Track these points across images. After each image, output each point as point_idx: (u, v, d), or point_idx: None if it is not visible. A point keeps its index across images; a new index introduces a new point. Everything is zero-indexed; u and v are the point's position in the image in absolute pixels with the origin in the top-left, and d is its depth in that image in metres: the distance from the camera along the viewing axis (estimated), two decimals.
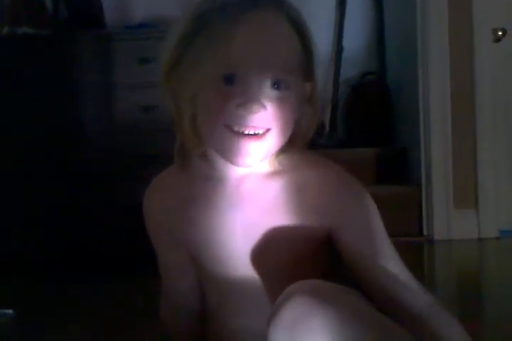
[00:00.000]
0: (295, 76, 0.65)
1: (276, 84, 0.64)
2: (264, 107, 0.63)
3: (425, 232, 2.26)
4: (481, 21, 2.20)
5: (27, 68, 1.97)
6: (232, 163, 0.66)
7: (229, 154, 0.65)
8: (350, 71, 2.80)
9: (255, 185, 0.69)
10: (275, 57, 0.63)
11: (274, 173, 0.68)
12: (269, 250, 0.69)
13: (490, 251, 2.17)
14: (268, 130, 0.64)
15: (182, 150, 0.70)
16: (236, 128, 0.63)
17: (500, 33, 2.21)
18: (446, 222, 2.23)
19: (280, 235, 0.68)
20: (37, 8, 2.11)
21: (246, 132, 0.63)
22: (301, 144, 0.69)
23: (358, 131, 2.70)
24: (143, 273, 0.98)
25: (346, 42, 2.78)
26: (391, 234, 2.47)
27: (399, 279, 0.67)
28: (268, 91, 0.63)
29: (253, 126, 0.63)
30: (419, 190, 2.29)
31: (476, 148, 2.23)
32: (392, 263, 0.68)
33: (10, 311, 1.27)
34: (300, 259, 0.69)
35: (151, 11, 2.29)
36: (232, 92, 0.63)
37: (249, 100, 0.62)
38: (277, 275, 0.69)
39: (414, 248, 2.18)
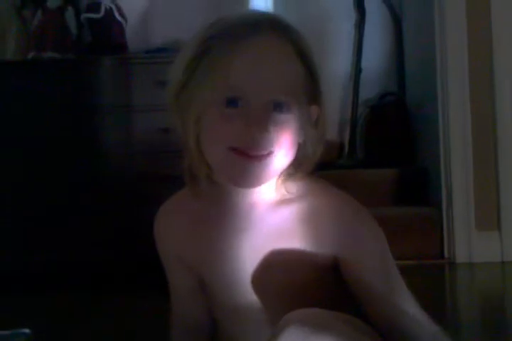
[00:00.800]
0: (297, 99, 0.66)
1: (278, 107, 0.65)
2: (266, 129, 0.64)
3: (446, 255, 2.22)
4: (501, 39, 2.19)
5: (51, 91, 2.02)
6: (235, 184, 0.67)
7: (232, 175, 0.66)
8: (369, 91, 2.80)
9: (264, 212, 0.69)
10: (276, 80, 0.64)
11: (283, 201, 0.69)
12: (275, 276, 0.69)
13: None
14: (270, 152, 0.65)
15: (190, 174, 0.71)
16: (239, 150, 0.64)
17: None
18: (468, 244, 2.18)
19: (287, 262, 0.68)
20: (62, 34, 2.17)
21: (248, 154, 0.64)
22: (308, 168, 0.70)
23: (378, 151, 2.69)
24: (153, 289, 0.98)
25: (365, 63, 2.79)
26: (411, 257, 2.42)
27: (406, 311, 0.67)
28: (270, 113, 0.64)
29: (256, 148, 0.64)
30: (440, 212, 2.25)
31: (498, 168, 2.19)
32: (398, 295, 0.68)
33: (27, 330, 1.28)
34: (305, 286, 0.69)
35: (170, 35, 2.34)
36: (234, 115, 0.64)
37: (252, 123, 0.63)
38: (282, 301, 0.69)
39: (435, 271, 2.14)
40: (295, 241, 0.68)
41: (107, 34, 2.22)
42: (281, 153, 0.66)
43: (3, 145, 2.00)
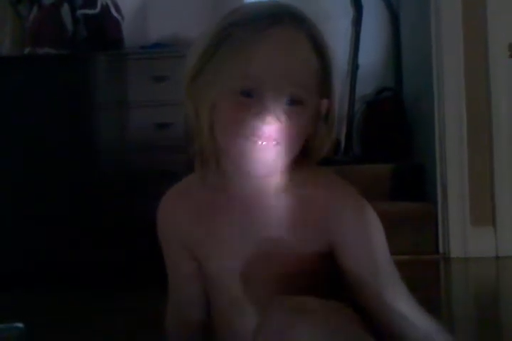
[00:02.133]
0: (311, 93, 0.67)
1: (292, 100, 0.66)
2: (279, 120, 0.65)
3: (441, 250, 2.23)
4: (496, 36, 2.19)
5: (46, 87, 2.02)
6: (244, 170, 0.69)
7: (242, 162, 0.67)
8: (366, 87, 2.81)
9: (268, 200, 0.71)
10: (293, 74, 0.66)
11: (285, 189, 0.70)
12: (274, 263, 0.70)
13: (507, 270, 2.13)
14: (280, 142, 0.67)
15: (200, 159, 0.72)
16: (250, 138, 0.66)
17: None
18: (463, 239, 2.20)
19: (286, 249, 0.69)
20: (57, 29, 2.17)
21: (259, 142, 0.66)
22: (313, 161, 0.71)
23: (374, 147, 2.70)
24: (154, 287, 0.99)
25: (362, 59, 2.79)
26: (407, 252, 2.44)
27: (395, 308, 0.67)
28: (283, 106, 0.66)
29: (266, 137, 0.66)
30: (436, 207, 2.26)
31: (493, 165, 2.20)
32: (390, 291, 0.68)
33: (20, 325, 1.28)
34: (302, 272, 0.70)
35: (166, 31, 2.34)
36: (249, 104, 0.66)
37: (264, 112, 0.65)
38: (279, 287, 0.70)
39: (430, 266, 2.15)
40: (293, 228, 0.69)
41: (103, 30, 2.21)
42: (290, 144, 0.67)
43: None
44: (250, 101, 0.65)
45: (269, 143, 0.66)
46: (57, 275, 1.90)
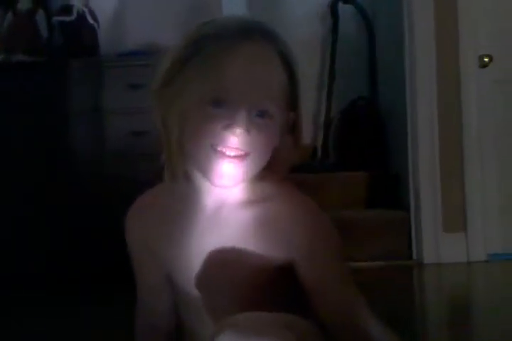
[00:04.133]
0: (279, 106, 0.69)
1: (261, 113, 0.68)
2: (247, 132, 0.67)
3: (414, 256, 2.27)
4: (467, 48, 2.25)
5: (21, 94, 2.00)
6: (211, 182, 0.70)
7: (209, 172, 0.69)
8: (341, 96, 2.85)
9: (231, 212, 0.72)
10: (263, 87, 0.68)
11: (249, 202, 0.72)
12: (234, 275, 0.71)
13: (479, 275, 2.18)
14: (247, 154, 0.68)
15: (169, 170, 0.72)
16: (219, 149, 0.67)
17: (486, 60, 2.26)
18: (435, 245, 2.24)
19: (246, 261, 0.71)
20: (32, 36, 2.15)
21: (228, 153, 0.67)
22: (280, 172, 0.72)
23: (350, 155, 2.74)
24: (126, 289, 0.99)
25: (338, 68, 2.83)
26: (381, 258, 2.46)
27: (356, 314, 0.69)
28: (252, 117, 0.67)
29: (235, 148, 0.67)
30: (409, 214, 2.30)
31: (463, 172, 2.26)
32: (347, 296, 0.70)
33: None
34: (262, 286, 0.71)
35: (143, 38, 2.34)
36: (218, 116, 0.67)
37: (234, 123, 0.67)
38: (238, 299, 0.71)
39: (404, 271, 2.19)
40: (253, 242, 0.70)
41: (79, 37, 2.20)
42: (258, 155, 0.69)
43: None
44: (220, 113, 0.66)
45: (237, 155, 0.67)
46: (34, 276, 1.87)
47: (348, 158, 2.72)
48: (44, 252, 1.95)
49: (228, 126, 0.66)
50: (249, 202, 0.71)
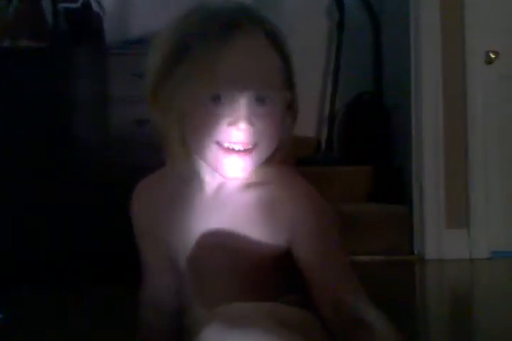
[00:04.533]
0: (277, 90, 0.69)
1: (261, 101, 0.68)
2: (252, 124, 0.67)
3: (416, 251, 2.27)
4: (473, 43, 2.24)
5: (26, 79, 1.99)
6: (222, 176, 0.70)
7: (220, 168, 0.69)
8: (347, 90, 2.84)
9: (231, 194, 0.72)
10: (257, 76, 0.68)
11: (250, 184, 0.72)
12: (234, 254, 0.72)
13: (481, 272, 2.17)
14: (256, 145, 0.68)
15: (171, 159, 0.73)
16: (226, 145, 0.68)
17: (492, 56, 2.25)
18: (438, 241, 2.23)
19: (243, 243, 0.71)
20: (37, 22, 2.14)
21: (236, 148, 0.68)
22: (282, 154, 0.72)
23: (354, 148, 2.73)
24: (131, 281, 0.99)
25: (343, 62, 2.82)
26: (383, 252, 2.46)
27: (349, 301, 0.69)
28: (254, 107, 0.67)
29: (242, 143, 0.68)
30: (412, 209, 2.30)
31: (467, 168, 2.25)
32: (343, 283, 0.70)
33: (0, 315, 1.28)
34: (260, 266, 0.72)
35: (149, 26, 2.32)
36: (220, 111, 0.67)
37: (238, 118, 0.67)
38: (238, 278, 0.72)
39: (406, 267, 2.19)
40: (252, 225, 0.71)
41: (84, 24, 2.19)
42: (266, 145, 0.69)
43: None
44: (221, 108, 0.67)
45: (245, 149, 0.68)
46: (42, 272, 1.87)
47: (352, 151, 2.72)
48: (47, 242, 1.95)
49: (232, 123, 0.66)
50: (249, 185, 0.72)
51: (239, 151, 0.67)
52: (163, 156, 0.73)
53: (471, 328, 1.52)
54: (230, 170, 0.68)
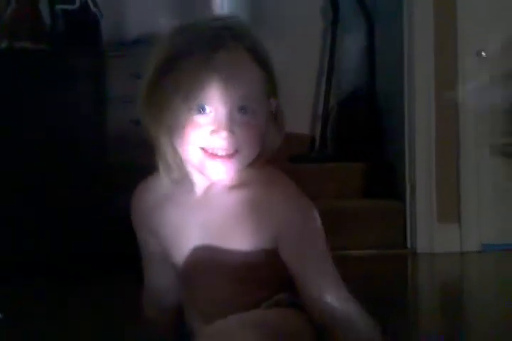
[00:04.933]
0: (259, 101, 0.76)
1: (243, 110, 0.74)
2: (233, 132, 0.74)
3: (409, 245, 2.31)
4: (466, 40, 2.27)
5: (24, 81, 2.01)
6: (208, 178, 0.78)
7: (205, 171, 0.76)
8: (339, 88, 2.87)
9: (219, 194, 0.78)
10: (238, 87, 0.74)
11: (236, 185, 0.78)
12: (222, 253, 0.77)
13: (472, 265, 2.21)
14: (237, 151, 0.75)
15: (163, 166, 0.80)
16: (210, 151, 0.75)
17: (483, 54, 2.28)
18: (430, 235, 2.28)
19: (233, 240, 0.77)
20: (35, 23, 2.16)
21: (219, 154, 0.74)
22: (267, 157, 0.78)
23: (347, 146, 2.77)
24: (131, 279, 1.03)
25: (337, 59, 2.85)
26: (376, 246, 2.51)
27: (334, 296, 0.74)
28: (236, 117, 0.74)
29: (223, 149, 0.74)
30: (404, 204, 2.34)
31: (459, 164, 2.29)
32: (327, 279, 0.76)
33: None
34: (249, 265, 0.77)
35: (145, 27, 2.35)
36: (204, 121, 0.74)
37: (220, 127, 0.73)
38: (227, 278, 0.77)
39: (398, 260, 2.23)
40: (241, 222, 0.76)
41: (82, 25, 2.21)
42: (247, 150, 0.75)
43: None
44: (205, 118, 0.73)
45: (227, 154, 0.74)
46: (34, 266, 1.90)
47: (345, 148, 2.76)
48: (48, 234, 1.98)
49: (214, 132, 0.73)
50: (235, 187, 0.78)
51: (221, 156, 0.74)
52: (156, 161, 0.79)
53: (461, 321, 1.56)
54: (214, 172, 0.75)
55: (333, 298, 0.74)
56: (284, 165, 0.83)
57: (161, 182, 0.81)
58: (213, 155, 0.74)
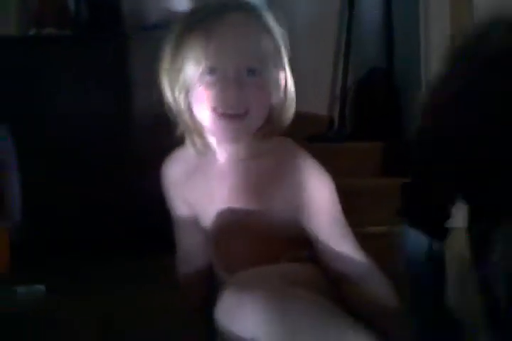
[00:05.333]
0: (266, 64, 0.81)
1: (251, 72, 0.80)
2: (241, 89, 0.78)
3: None
4: (482, 16, 2.26)
5: (50, 66, 2.08)
6: (218, 138, 0.84)
7: (217, 132, 0.83)
8: (358, 66, 2.88)
9: (238, 165, 0.85)
10: (246, 50, 0.80)
11: (253, 156, 0.84)
12: (245, 216, 0.83)
13: None
14: (246, 112, 0.80)
15: (187, 135, 0.87)
16: (220, 110, 0.79)
17: None
18: None
19: (254, 211, 0.83)
20: (60, 10, 2.23)
21: (229, 113, 0.79)
22: (279, 130, 0.84)
23: (366, 125, 2.79)
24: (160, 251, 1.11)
25: (354, 38, 2.85)
26: (393, 223, 2.53)
27: (353, 252, 0.82)
28: (244, 77, 0.79)
29: (233, 108, 0.79)
30: None
31: None
32: (346, 237, 0.83)
33: (42, 287, 1.37)
34: (273, 227, 0.83)
35: (167, 11, 2.39)
36: (214, 80, 0.79)
37: (228, 86, 0.79)
38: (251, 240, 0.84)
39: None
40: (262, 190, 0.82)
41: (105, 10, 2.27)
42: (256, 112, 0.80)
43: (2, 121, 2.05)
44: (215, 79, 0.79)
45: (237, 113, 0.79)
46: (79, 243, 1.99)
47: (363, 128, 2.78)
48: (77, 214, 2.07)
49: (223, 90, 0.78)
50: (254, 157, 0.84)
51: (232, 116, 0.79)
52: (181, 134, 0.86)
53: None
54: (224, 132, 0.81)
55: (354, 256, 0.80)
56: (302, 144, 0.87)
57: (189, 153, 0.87)
58: (224, 115, 0.79)
